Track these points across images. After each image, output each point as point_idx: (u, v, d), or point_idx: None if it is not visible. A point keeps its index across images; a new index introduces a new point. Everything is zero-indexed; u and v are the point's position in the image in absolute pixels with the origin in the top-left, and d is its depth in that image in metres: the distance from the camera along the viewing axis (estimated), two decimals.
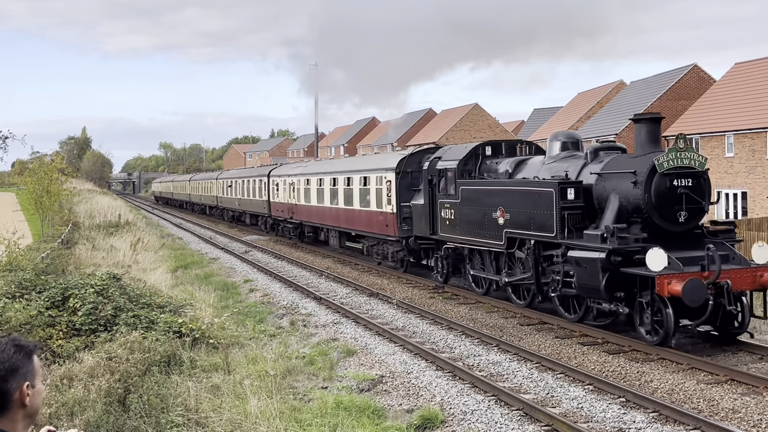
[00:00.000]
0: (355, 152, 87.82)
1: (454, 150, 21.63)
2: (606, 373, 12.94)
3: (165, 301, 16.82)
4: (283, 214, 38.45)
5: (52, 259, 25.12)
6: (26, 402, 2.79)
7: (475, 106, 76.78)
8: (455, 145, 23.31)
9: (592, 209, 15.83)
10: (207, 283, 23.94)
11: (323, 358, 14.19)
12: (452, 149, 21.96)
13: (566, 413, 10.86)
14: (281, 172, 39.80)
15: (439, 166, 21.14)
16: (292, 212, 36.77)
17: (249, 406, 10.61)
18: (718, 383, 12.01)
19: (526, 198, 16.70)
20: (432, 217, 21.62)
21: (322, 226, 33.00)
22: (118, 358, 12.18)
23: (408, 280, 24.01)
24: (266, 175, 41.93)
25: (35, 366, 2.85)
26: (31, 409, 2.83)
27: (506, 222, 17.49)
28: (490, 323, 17.26)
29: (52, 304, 15.01)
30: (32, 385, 2.81)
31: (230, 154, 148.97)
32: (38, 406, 2.87)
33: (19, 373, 2.77)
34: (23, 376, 2.78)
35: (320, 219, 32.64)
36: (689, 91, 46.89)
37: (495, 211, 17.95)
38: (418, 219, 22.77)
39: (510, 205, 17.34)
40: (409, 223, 23.53)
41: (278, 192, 39.33)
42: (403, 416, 11.01)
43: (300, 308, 19.87)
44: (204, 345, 14.25)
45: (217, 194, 56.92)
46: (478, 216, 18.80)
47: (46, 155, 42.54)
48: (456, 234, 20.14)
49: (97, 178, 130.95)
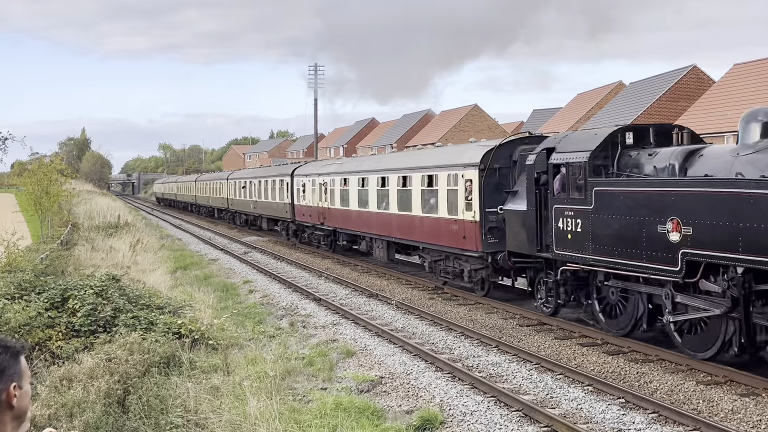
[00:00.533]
0: (355, 153, 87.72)
1: (578, 138, 16.52)
2: (605, 373, 12.94)
3: (164, 302, 16.81)
4: (311, 219, 33.70)
5: (51, 260, 25.12)
6: (14, 403, 2.78)
7: (474, 106, 76.90)
8: (575, 133, 18.94)
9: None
10: (206, 284, 23.92)
11: (323, 359, 14.19)
12: (572, 137, 16.80)
13: (566, 414, 10.87)
14: (308, 171, 35.15)
15: (554, 160, 15.97)
16: (323, 217, 31.90)
17: (248, 407, 10.61)
18: (717, 384, 12.01)
19: (725, 204, 11.79)
20: (540, 229, 16.47)
21: (364, 234, 27.96)
22: (118, 359, 12.18)
23: (407, 281, 23.99)
24: (289, 175, 37.15)
25: (22, 367, 2.84)
26: (19, 411, 2.82)
27: (685, 239, 12.50)
28: (489, 324, 17.25)
29: (52, 305, 15.01)
30: (19, 386, 2.81)
31: (229, 155, 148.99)
32: (26, 407, 2.86)
33: (6, 374, 2.77)
34: (10, 377, 2.78)
35: (362, 226, 27.78)
36: (688, 92, 46.92)
37: (662, 223, 12.94)
38: (515, 230, 17.47)
39: (691, 215, 12.38)
40: (499, 235, 18.69)
41: (304, 194, 34.52)
42: (403, 417, 11.02)
43: (299, 309, 19.86)
44: (203, 346, 14.24)
45: (228, 196, 52.41)
46: (630, 229, 13.73)
47: (45, 156, 42.60)
48: (585, 252, 14.91)
49: (97, 179, 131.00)
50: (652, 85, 50.35)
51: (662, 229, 13.00)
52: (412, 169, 23.80)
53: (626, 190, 14.15)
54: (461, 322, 17.43)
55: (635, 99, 50.01)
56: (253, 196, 44.48)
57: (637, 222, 13.63)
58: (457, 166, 20.84)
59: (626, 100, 51.66)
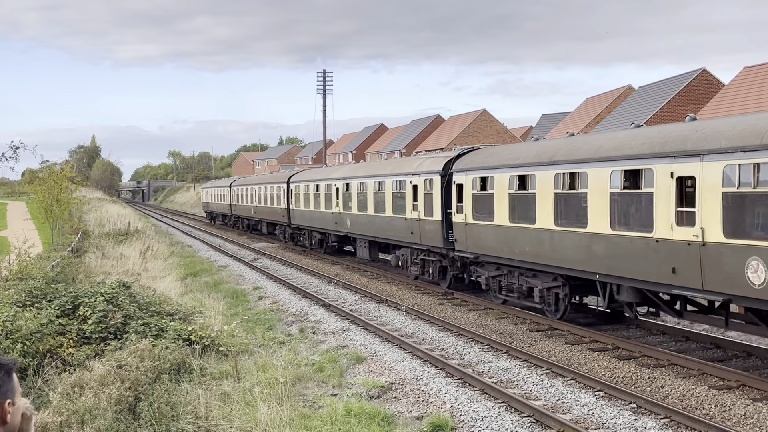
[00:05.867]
0: (363, 159, 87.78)
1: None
2: (617, 378, 12.88)
3: (174, 308, 16.85)
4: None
5: (62, 267, 25.21)
6: (7, 419, 2.85)
7: (483, 112, 76.79)
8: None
9: None
10: (216, 290, 23.97)
11: (333, 365, 14.18)
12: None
13: (577, 419, 10.82)
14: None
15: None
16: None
17: (259, 413, 10.61)
18: (729, 389, 11.94)
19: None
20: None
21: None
22: (128, 366, 12.20)
23: (417, 286, 23.96)
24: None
25: (15, 383, 2.91)
26: (11, 426, 2.89)
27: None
28: (499, 329, 17.20)
29: (63, 313, 15.06)
30: (12, 403, 2.87)
31: (239, 162, 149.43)
32: (18, 422, 2.93)
33: (0, 391, 2.82)
34: (4, 394, 2.84)
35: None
36: (698, 95, 46.75)
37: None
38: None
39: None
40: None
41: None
42: (413, 423, 10.99)
43: (309, 315, 19.86)
44: (214, 352, 14.26)
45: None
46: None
47: (56, 164, 42.75)
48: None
49: (107, 186, 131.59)
50: (661, 88, 50.20)
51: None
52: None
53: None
54: (471, 327, 17.39)
55: (645, 103, 49.86)
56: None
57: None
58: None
59: (635, 103, 51.52)
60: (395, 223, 24.80)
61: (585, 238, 15.21)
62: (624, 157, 14.22)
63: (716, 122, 13.22)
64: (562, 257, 16.01)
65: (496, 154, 19.50)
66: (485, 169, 19.33)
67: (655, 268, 13.34)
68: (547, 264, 16.65)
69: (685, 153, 12.70)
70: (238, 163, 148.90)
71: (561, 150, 16.43)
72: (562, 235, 15.96)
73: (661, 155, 13.22)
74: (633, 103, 52.39)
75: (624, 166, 14.23)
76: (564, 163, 16.02)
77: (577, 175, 15.67)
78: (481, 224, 19.31)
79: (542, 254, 16.66)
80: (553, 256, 16.34)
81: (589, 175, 15.16)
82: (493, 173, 18.81)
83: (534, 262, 17.11)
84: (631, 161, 14.03)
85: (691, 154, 12.57)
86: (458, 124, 78.58)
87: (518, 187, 17.60)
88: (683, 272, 12.72)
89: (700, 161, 12.33)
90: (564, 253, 15.93)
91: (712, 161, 12.13)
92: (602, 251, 14.73)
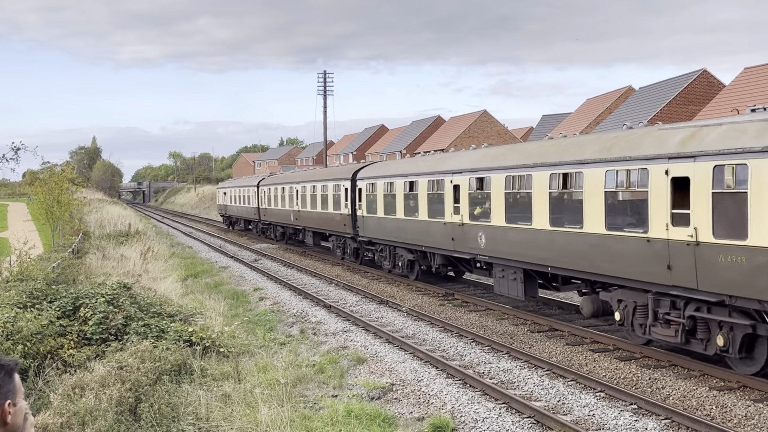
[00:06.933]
0: (363, 159, 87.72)
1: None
2: (617, 379, 12.88)
3: (175, 309, 16.85)
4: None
5: (62, 268, 25.22)
6: (8, 420, 2.84)
7: (483, 112, 76.82)
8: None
9: None
10: (217, 291, 23.98)
11: (333, 366, 14.18)
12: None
13: (578, 420, 10.81)
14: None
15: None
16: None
17: (260, 414, 10.61)
18: (730, 390, 11.94)
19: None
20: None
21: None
22: (129, 368, 12.19)
23: (418, 287, 23.96)
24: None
25: (16, 384, 2.90)
26: (13, 427, 2.88)
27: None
28: (500, 330, 17.21)
29: (63, 314, 15.06)
30: (14, 404, 2.86)
31: (239, 163, 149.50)
32: (20, 423, 2.92)
33: (1, 392, 2.82)
34: (5, 395, 2.83)
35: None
36: (698, 96, 46.77)
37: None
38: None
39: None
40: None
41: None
42: (414, 424, 10.99)
43: (310, 316, 19.86)
44: (214, 354, 14.26)
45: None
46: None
47: (56, 165, 42.69)
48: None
49: (107, 187, 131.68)
50: (662, 89, 50.21)
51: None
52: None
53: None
54: (472, 328, 17.40)
55: (645, 103, 49.86)
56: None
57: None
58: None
59: (636, 104, 51.52)
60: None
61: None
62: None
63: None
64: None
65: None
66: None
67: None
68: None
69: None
70: (238, 165, 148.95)
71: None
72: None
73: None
74: (633, 103, 52.37)
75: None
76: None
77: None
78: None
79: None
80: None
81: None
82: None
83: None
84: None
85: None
86: (459, 125, 78.60)
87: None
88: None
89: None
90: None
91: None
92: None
